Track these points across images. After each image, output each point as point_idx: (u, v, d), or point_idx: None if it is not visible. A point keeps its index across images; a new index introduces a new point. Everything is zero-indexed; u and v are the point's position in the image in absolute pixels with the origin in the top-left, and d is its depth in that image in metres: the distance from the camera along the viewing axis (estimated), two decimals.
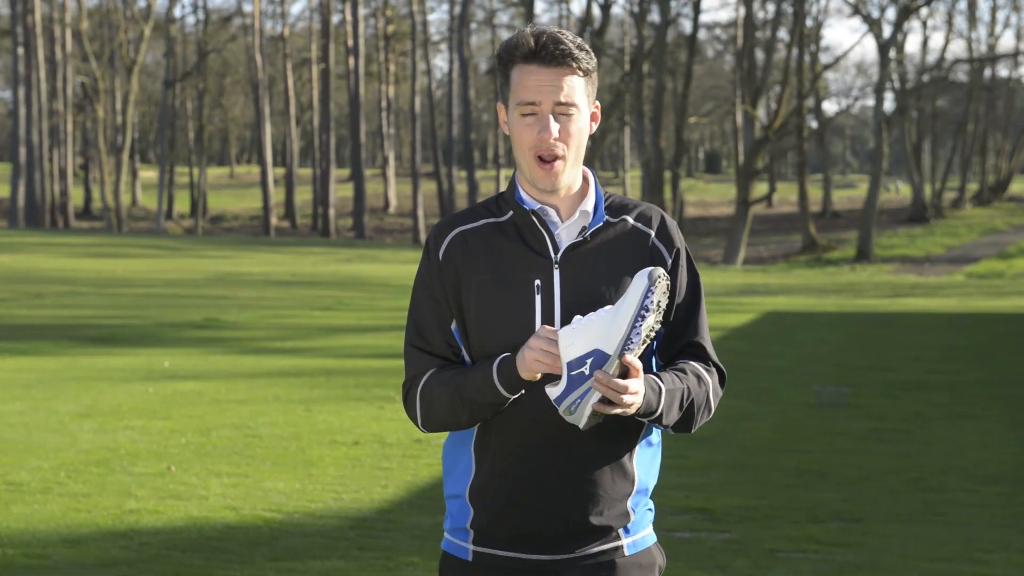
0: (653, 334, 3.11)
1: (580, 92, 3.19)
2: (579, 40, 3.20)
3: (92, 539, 8.14)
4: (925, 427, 13.08)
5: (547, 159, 3.19)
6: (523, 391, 3.17)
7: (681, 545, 8.13)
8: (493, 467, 3.24)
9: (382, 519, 8.77)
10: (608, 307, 3.12)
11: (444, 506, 3.42)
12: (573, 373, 3.07)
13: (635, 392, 3.07)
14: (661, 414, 3.16)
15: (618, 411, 3.08)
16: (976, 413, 14.04)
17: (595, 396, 3.07)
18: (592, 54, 3.22)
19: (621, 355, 3.05)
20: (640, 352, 3.09)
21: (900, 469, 10.84)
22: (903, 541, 8.41)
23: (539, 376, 3.13)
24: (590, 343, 3.07)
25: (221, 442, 11.51)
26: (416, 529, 8.46)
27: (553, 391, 3.10)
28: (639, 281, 3.09)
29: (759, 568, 7.74)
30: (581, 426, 3.10)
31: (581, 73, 3.19)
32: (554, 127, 3.17)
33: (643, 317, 3.06)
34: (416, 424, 3.31)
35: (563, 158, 3.20)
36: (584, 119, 3.22)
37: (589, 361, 3.06)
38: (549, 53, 3.16)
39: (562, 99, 3.17)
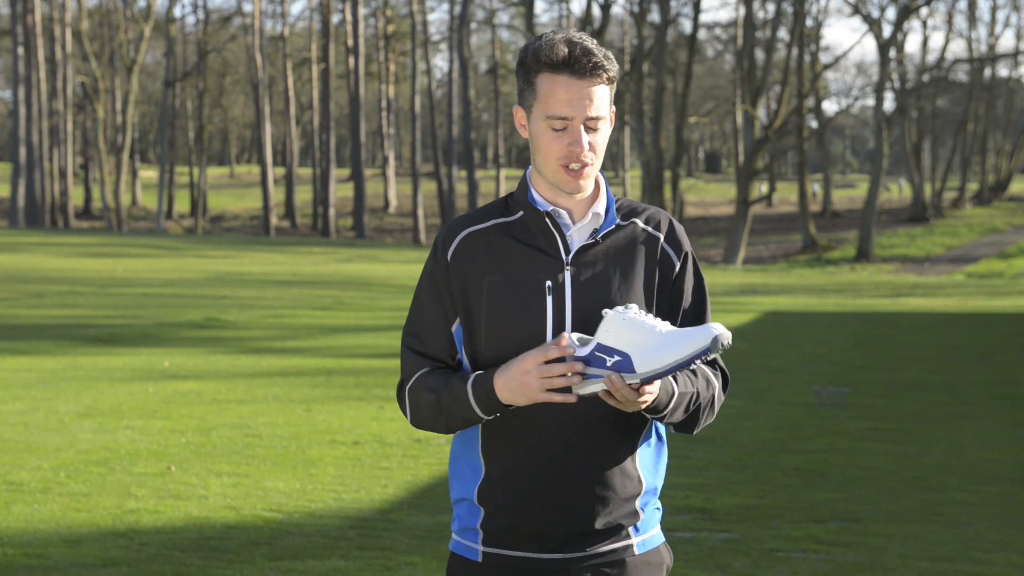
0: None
1: (606, 102, 3.22)
2: (604, 49, 3.21)
3: (92, 539, 8.14)
4: (925, 427, 13.08)
5: (576, 168, 3.22)
6: (498, 414, 3.18)
7: (681, 545, 8.13)
8: (502, 469, 3.24)
9: (382, 519, 8.76)
10: (667, 328, 3.06)
11: (443, 506, 3.44)
12: (597, 354, 3.06)
13: (642, 403, 3.10)
14: (666, 414, 3.19)
15: (619, 407, 3.10)
16: (976, 413, 14.04)
17: (603, 386, 3.07)
18: (615, 60, 3.23)
19: (646, 382, 3.06)
20: None
21: (900, 469, 10.84)
22: (903, 541, 8.41)
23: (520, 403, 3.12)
24: (626, 345, 3.04)
25: (221, 442, 11.51)
26: (416, 529, 8.45)
27: (577, 350, 3.08)
28: (702, 339, 3.02)
29: (759, 568, 7.74)
30: (579, 393, 3.08)
31: (608, 82, 3.21)
32: (585, 140, 3.19)
33: (683, 368, 3.05)
34: (408, 420, 3.35)
35: (591, 165, 3.23)
36: (609, 128, 3.25)
37: (616, 360, 3.05)
38: (582, 66, 3.17)
39: (592, 113, 3.18)
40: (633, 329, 3.05)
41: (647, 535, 3.32)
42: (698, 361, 3.03)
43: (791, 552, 8.10)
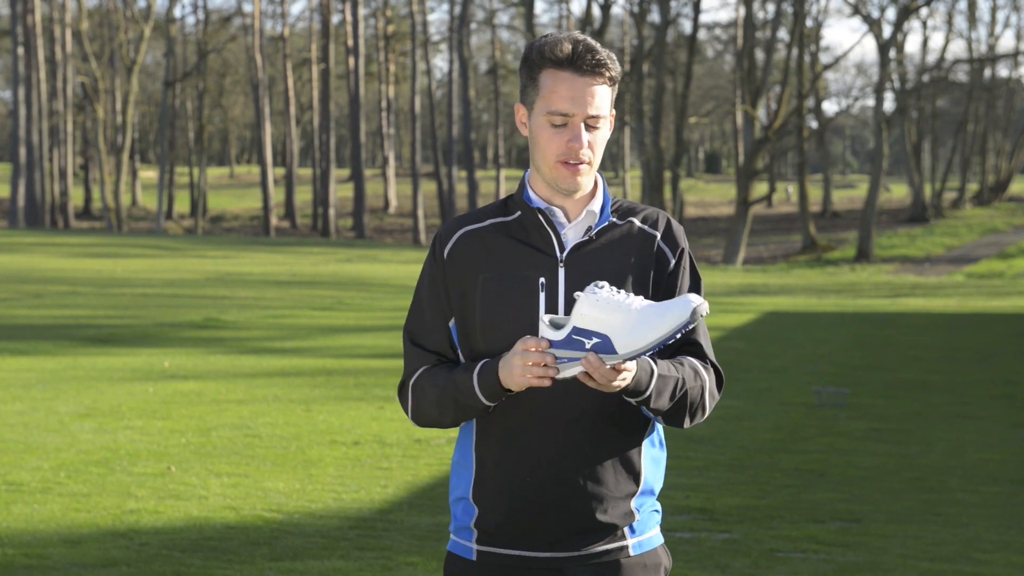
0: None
1: (607, 102, 3.24)
2: (607, 50, 3.23)
3: (92, 539, 8.14)
4: (925, 427, 13.08)
5: (574, 164, 3.22)
6: (503, 399, 3.18)
7: (681, 545, 8.13)
8: (493, 465, 3.26)
9: (382, 519, 8.76)
10: (642, 304, 3.02)
11: (443, 506, 3.46)
12: (575, 337, 3.03)
13: (621, 382, 3.06)
14: (650, 396, 3.14)
15: (598, 388, 3.07)
16: (976, 413, 14.04)
17: (581, 368, 3.03)
18: (618, 63, 3.25)
19: (626, 360, 3.03)
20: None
21: (900, 469, 10.84)
22: (903, 541, 8.41)
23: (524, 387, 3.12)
24: (604, 326, 3.01)
25: (221, 442, 11.51)
26: (416, 529, 8.45)
27: (550, 334, 3.05)
28: (682, 311, 2.98)
29: (759, 568, 7.74)
30: (560, 377, 3.06)
31: (610, 83, 3.23)
32: (584, 137, 3.21)
33: (666, 344, 3.03)
34: (408, 416, 3.35)
35: (588, 163, 3.24)
36: (608, 128, 3.27)
37: (594, 341, 3.01)
38: (585, 63, 3.19)
39: (593, 111, 3.20)
40: (608, 309, 3.02)
41: (643, 536, 3.31)
42: (674, 339, 3.00)
43: (791, 552, 8.10)
